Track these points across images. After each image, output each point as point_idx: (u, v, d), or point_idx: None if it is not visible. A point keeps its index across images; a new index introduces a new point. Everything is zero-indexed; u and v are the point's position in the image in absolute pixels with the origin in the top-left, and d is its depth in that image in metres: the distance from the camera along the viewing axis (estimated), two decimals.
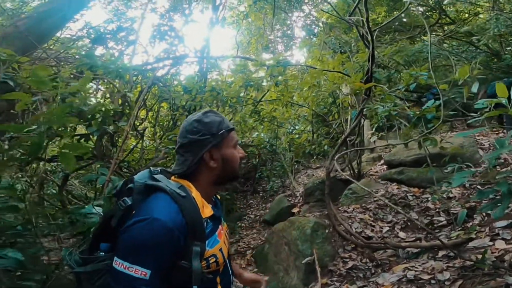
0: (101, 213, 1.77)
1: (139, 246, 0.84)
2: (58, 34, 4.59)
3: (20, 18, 3.58)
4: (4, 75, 3.11)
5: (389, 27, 6.25)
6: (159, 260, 0.84)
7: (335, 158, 4.03)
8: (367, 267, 2.97)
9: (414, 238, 3.49)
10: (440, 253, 2.79)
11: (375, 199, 4.73)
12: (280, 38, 10.81)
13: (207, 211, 1.00)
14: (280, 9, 8.43)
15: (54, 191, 5.03)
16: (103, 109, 2.70)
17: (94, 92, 4.41)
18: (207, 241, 0.95)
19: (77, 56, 4.14)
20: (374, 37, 3.59)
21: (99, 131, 3.74)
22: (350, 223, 3.99)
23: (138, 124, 5.33)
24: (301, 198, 6.26)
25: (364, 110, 4.42)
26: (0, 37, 3.26)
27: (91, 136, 3.93)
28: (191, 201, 0.94)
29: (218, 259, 0.98)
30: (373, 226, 3.99)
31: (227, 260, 1.08)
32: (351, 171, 6.18)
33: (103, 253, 0.94)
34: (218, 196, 1.23)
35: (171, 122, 5.96)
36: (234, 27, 10.68)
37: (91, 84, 4.82)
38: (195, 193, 0.99)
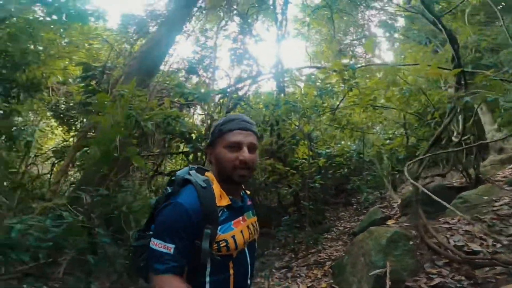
0: None
1: (165, 225, 1.04)
2: (162, 67, 5.76)
3: (133, 58, 4.68)
4: (128, 107, 4.25)
5: (485, 7, 4.98)
6: (180, 237, 1.01)
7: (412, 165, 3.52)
8: (460, 285, 2.46)
9: None
10: None
11: (494, 208, 3.85)
12: (357, 40, 10.08)
13: (224, 201, 1.13)
14: (342, 12, 7.97)
15: None
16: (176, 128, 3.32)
17: (192, 116, 5.37)
18: (219, 227, 1.08)
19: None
20: (466, 20, 3.08)
21: (194, 148, 4.52)
22: (448, 235, 3.37)
23: None
24: (398, 209, 5.55)
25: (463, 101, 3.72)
26: (124, 76, 4.43)
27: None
28: (209, 191, 1.10)
29: (229, 244, 1.09)
30: (484, 239, 3.22)
31: (245, 249, 1.18)
32: (467, 178, 5.15)
33: (151, 232, 1.17)
34: (247, 192, 1.34)
35: None
36: (302, 37, 10.71)
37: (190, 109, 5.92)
38: (215, 185, 1.15)
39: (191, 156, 5.36)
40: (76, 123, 6.54)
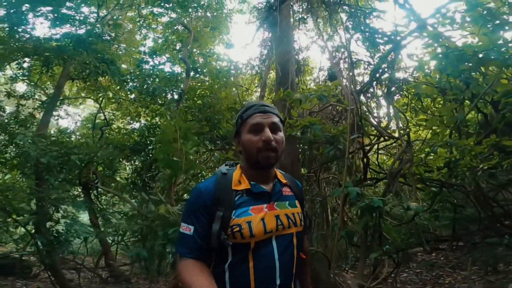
0: None
1: (186, 207, 1.15)
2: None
3: (262, 88, 5.10)
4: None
5: None
6: (197, 218, 1.08)
7: None
8: None
9: None
10: None
11: None
12: None
13: (242, 185, 1.13)
14: None
15: None
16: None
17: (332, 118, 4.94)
18: (234, 210, 1.07)
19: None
20: None
21: (335, 149, 4.18)
22: None
23: (392, 130, 4.78)
24: None
25: None
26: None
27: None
28: (227, 177, 1.15)
29: (243, 230, 1.04)
30: None
31: (272, 242, 1.08)
32: None
33: None
34: (284, 180, 1.23)
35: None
36: None
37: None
38: (236, 171, 1.18)
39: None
40: None
